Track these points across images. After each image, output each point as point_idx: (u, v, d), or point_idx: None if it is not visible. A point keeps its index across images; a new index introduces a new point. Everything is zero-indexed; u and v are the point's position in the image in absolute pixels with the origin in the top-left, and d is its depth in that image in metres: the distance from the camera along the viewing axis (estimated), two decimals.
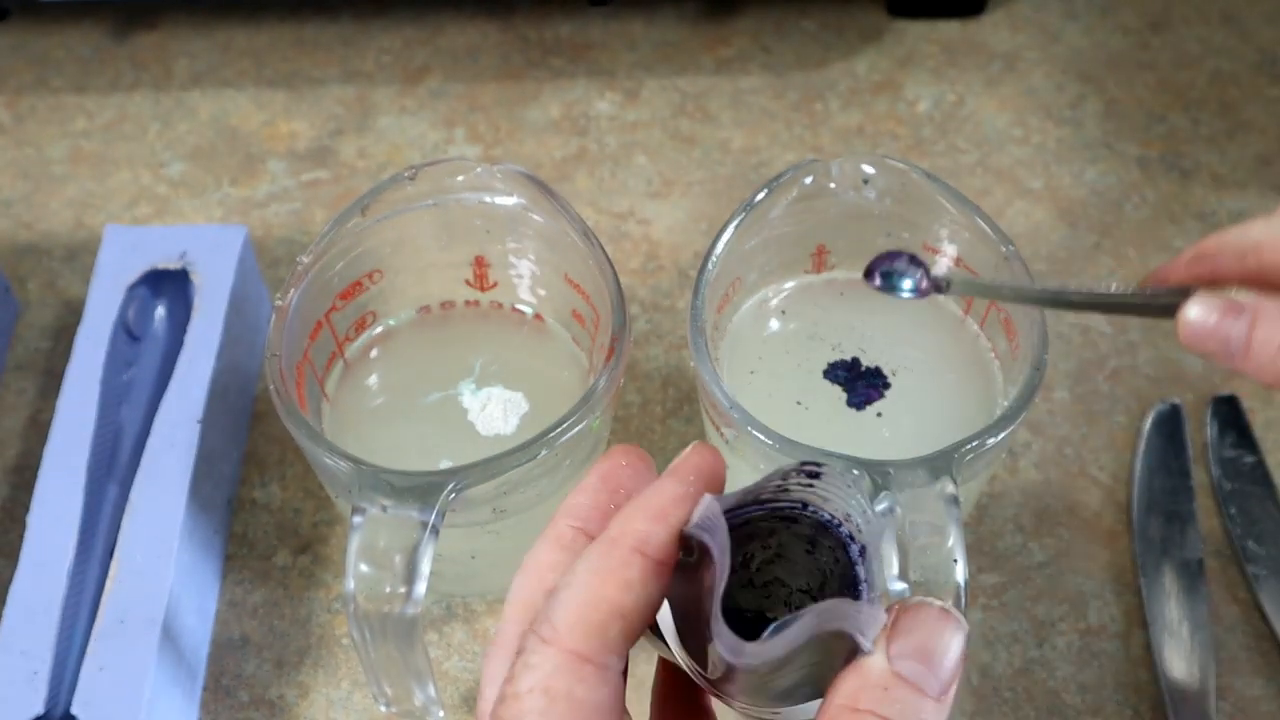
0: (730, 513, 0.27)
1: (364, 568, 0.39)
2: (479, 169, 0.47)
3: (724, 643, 0.25)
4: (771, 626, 0.25)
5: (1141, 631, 0.48)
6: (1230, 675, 0.47)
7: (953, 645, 0.26)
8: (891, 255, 0.43)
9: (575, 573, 0.26)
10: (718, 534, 0.26)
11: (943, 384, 0.48)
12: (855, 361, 0.48)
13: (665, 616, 0.29)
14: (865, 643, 0.25)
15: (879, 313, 0.49)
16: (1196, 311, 0.36)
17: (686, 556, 0.27)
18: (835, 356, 0.48)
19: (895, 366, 0.48)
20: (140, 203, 0.62)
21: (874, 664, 0.25)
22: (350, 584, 0.38)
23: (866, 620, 0.25)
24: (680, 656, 0.29)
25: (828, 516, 0.28)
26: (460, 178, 0.47)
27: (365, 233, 0.47)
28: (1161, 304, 0.37)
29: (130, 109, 0.66)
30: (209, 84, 0.67)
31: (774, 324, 0.49)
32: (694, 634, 0.28)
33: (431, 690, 0.42)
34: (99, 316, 0.51)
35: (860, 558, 0.27)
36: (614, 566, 0.26)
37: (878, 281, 0.43)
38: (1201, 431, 0.53)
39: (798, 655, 0.26)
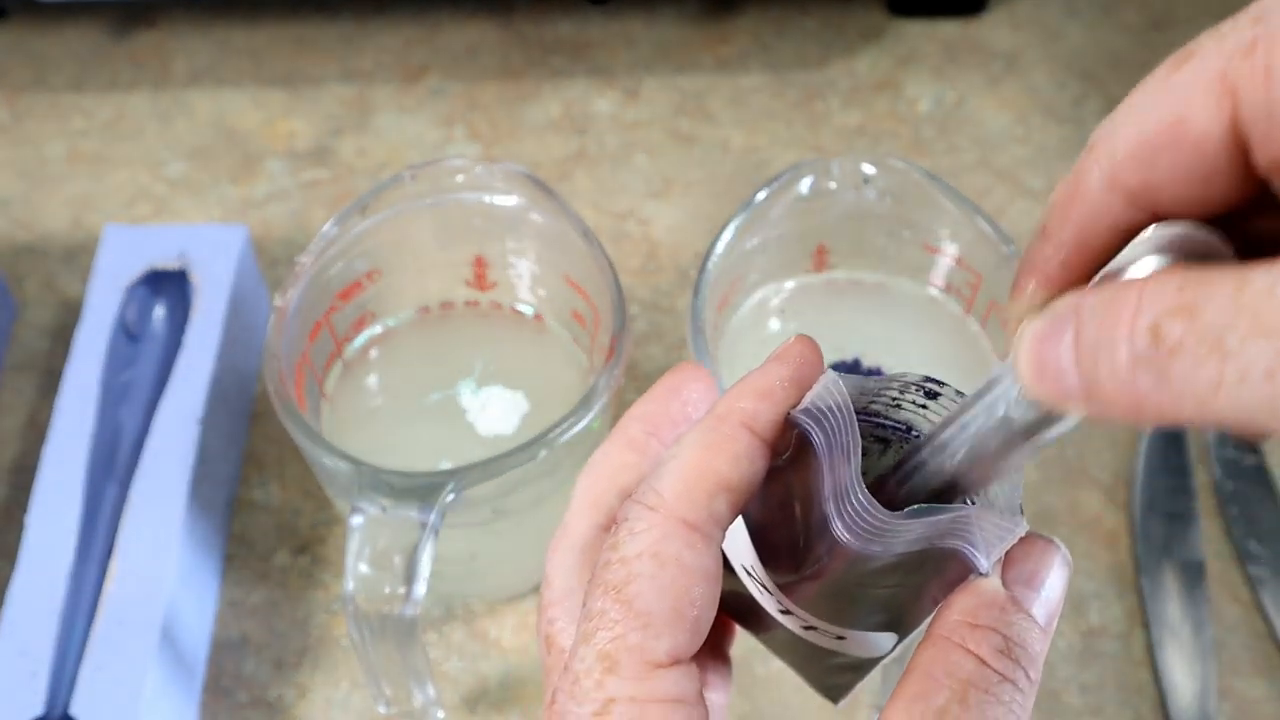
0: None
1: (363, 568, 0.38)
2: (479, 168, 0.47)
3: (857, 517, 0.24)
4: (916, 507, 0.25)
5: (1142, 632, 0.48)
6: (1231, 676, 0.47)
7: (1060, 577, 0.26)
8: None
9: (682, 445, 0.26)
10: (837, 417, 0.25)
11: None
12: (856, 362, 0.48)
13: (737, 534, 0.28)
14: (983, 562, 0.25)
15: (879, 313, 0.49)
16: (1021, 350, 0.23)
17: (779, 456, 0.27)
18: (836, 357, 0.48)
19: (896, 367, 0.48)
20: (139, 202, 0.62)
21: (990, 585, 0.26)
22: (350, 584, 0.38)
23: (992, 534, 0.25)
24: (750, 562, 0.29)
25: None
26: (460, 177, 0.47)
27: (365, 233, 0.47)
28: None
29: (129, 108, 0.66)
30: (208, 83, 0.67)
31: (774, 324, 0.49)
32: (778, 533, 0.27)
33: (431, 691, 0.42)
34: (98, 316, 0.51)
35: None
36: (721, 441, 0.26)
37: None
38: (1202, 432, 0.53)
39: (899, 566, 0.25)
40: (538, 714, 0.47)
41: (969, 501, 0.26)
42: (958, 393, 0.26)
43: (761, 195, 0.46)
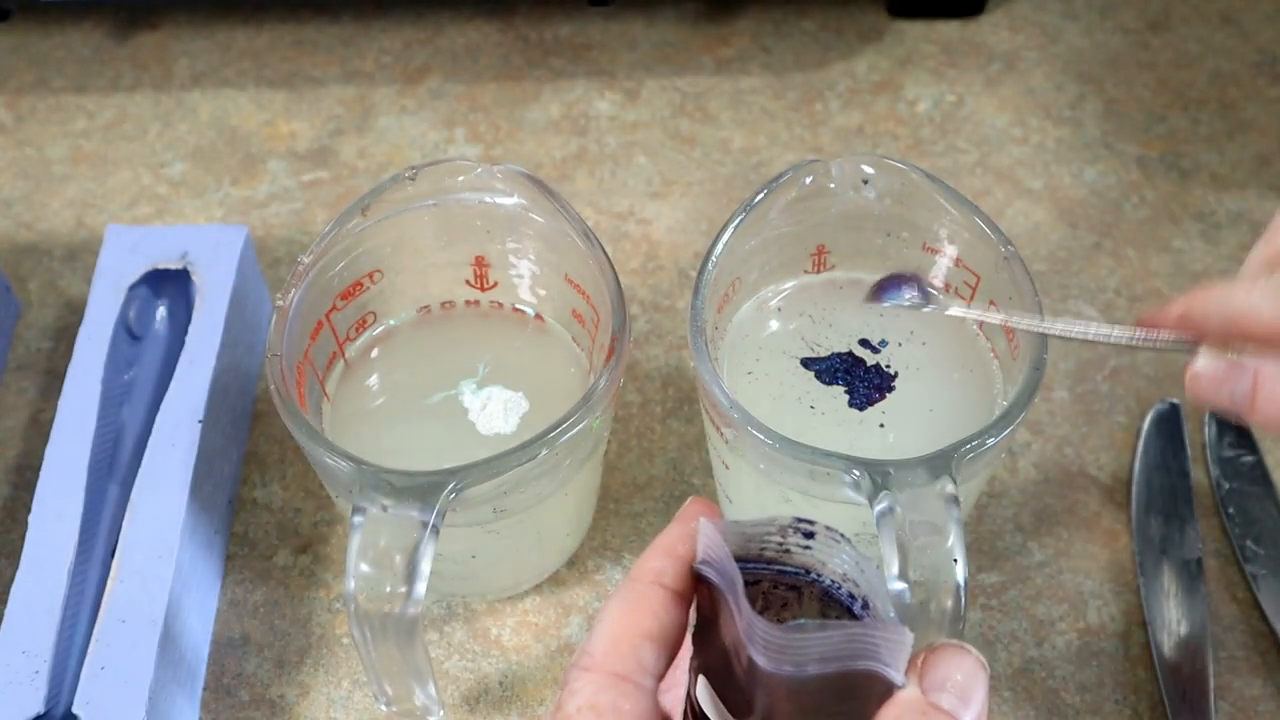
0: (739, 563, 0.30)
1: (364, 567, 0.39)
2: (479, 169, 0.47)
3: (759, 638, 0.27)
4: (802, 621, 0.27)
5: (1141, 631, 0.48)
6: (1229, 675, 0.47)
7: (980, 679, 0.30)
8: (897, 279, 0.45)
9: (606, 609, 0.30)
10: (719, 559, 0.29)
11: (943, 384, 0.48)
12: (858, 362, 0.48)
13: (704, 692, 0.31)
14: (897, 676, 0.28)
15: (879, 313, 0.49)
16: (1203, 367, 0.38)
17: (701, 609, 0.30)
18: (836, 357, 0.48)
19: (896, 367, 0.48)
20: (141, 203, 0.62)
21: (910, 695, 0.28)
22: (351, 584, 0.39)
23: (889, 648, 0.27)
24: (718, 716, 0.31)
25: (829, 581, 0.31)
26: (460, 178, 0.47)
27: (366, 233, 0.47)
28: (1168, 347, 0.39)
29: (131, 109, 0.66)
30: (209, 84, 0.67)
31: (774, 324, 0.49)
32: (731, 683, 0.30)
33: (432, 690, 0.42)
34: (100, 316, 0.51)
35: (864, 611, 0.30)
36: (638, 599, 0.30)
37: (883, 306, 0.46)
38: (1200, 431, 0.53)
39: (834, 694, 0.28)
40: (538, 713, 0.47)
41: (855, 615, 0.30)
42: (827, 529, 0.30)
43: (761, 195, 0.46)
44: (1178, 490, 0.51)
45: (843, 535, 0.30)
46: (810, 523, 0.30)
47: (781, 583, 0.31)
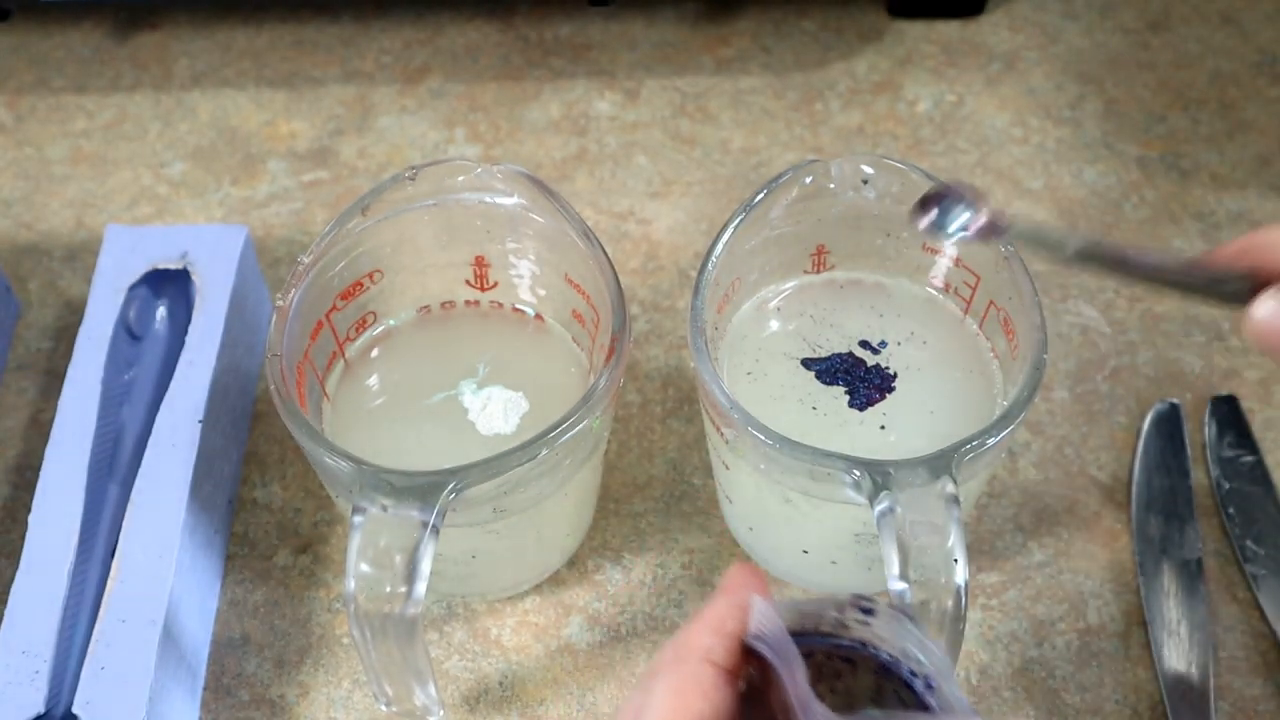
0: (793, 636, 0.29)
1: (364, 567, 0.39)
2: (479, 169, 0.47)
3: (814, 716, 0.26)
4: (869, 713, 0.27)
5: (1141, 631, 0.48)
6: (1229, 675, 0.47)
7: None
8: (944, 193, 0.39)
9: (653, 693, 0.30)
10: (775, 637, 0.28)
11: (943, 384, 0.48)
12: (858, 362, 0.48)
13: None
14: None
15: (879, 313, 0.49)
16: (1266, 309, 0.35)
17: (751, 681, 0.30)
18: (836, 357, 0.48)
19: (896, 367, 0.48)
20: (141, 203, 0.62)
21: None
22: (351, 584, 0.39)
23: None
24: None
25: (887, 655, 0.30)
26: (460, 178, 0.47)
27: (366, 233, 0.47)
28: (1228, 290, 0.36)
29: (131, 109, 0.66)
30: (209, 84, 0.67)
31: (774, 324, 0.49)
32: None
33: (432, 690, 0.42)
34: (100, 316, 0.51)
35: (927, 690, 0.29)
36: (688, 681, 0.29)
37: (927, 220, 0.39)
38: (1201, 431, 0.53)
39: None
40: (538, 713, 0.47)
41: (928, 707, 0.29)
42: (890, 605, 0.30)
43: (761, 195, 0.46)
44: (1178, 490, 0.51)
45: (905, 612, 0.30)
46: (871, 600, 0.29)
47: (836, 655, 0.31)
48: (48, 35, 0.69)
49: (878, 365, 0.48)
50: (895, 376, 0.48)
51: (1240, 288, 0.35)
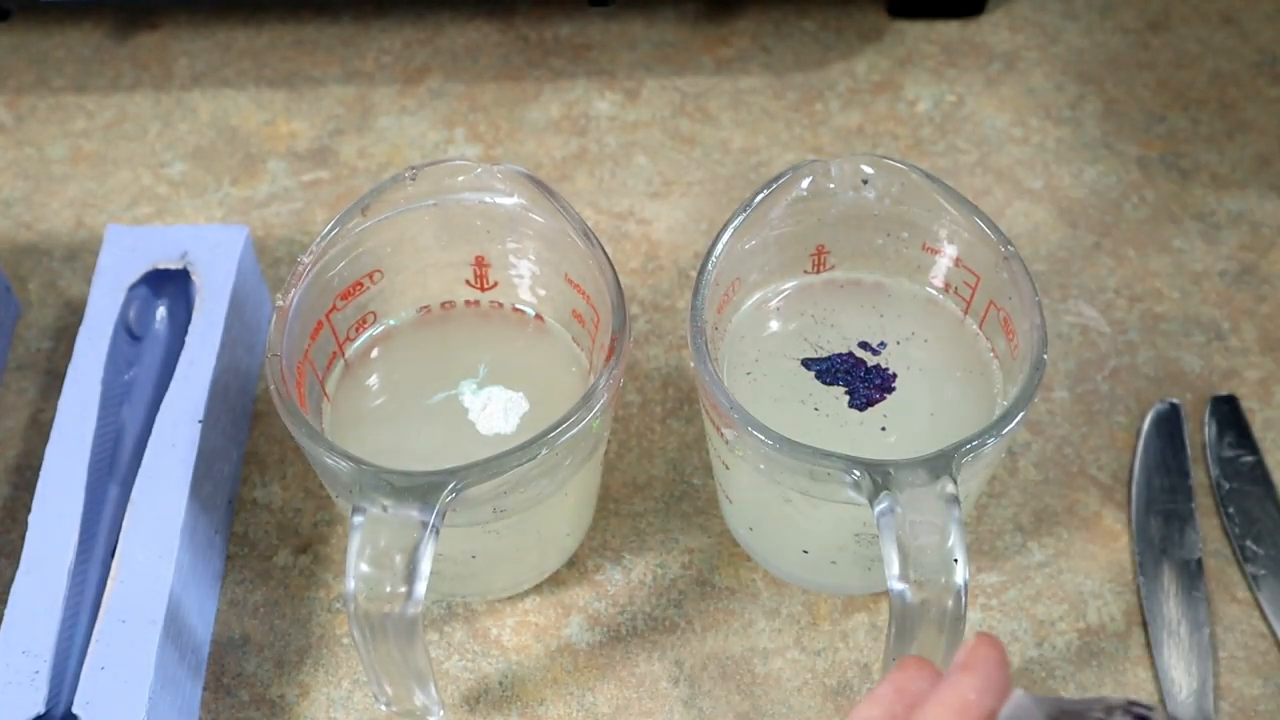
0: None
1: (364, 567, 0.39)
2: (479, 169, 0.47)
3: None
4: None
5: (1141, 631, 0.48)
6: (1229, 675, 0.47)
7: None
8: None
9: None
10: None
11: (943, 384, 0.48)
12: (859, 362, 0.48)
13: None
14: None
15: (880, 313, 0.49)
16: None
17: None
18: (836, 357, 0.48)
19: (896, 367, 0.48)
20: (141, 203, 0.62)
21: None
22: (351, 584, 0.39)
23: None
24: None
25: None
26: (460, 178, 0.47)
27: (366, 233, 0.47)
28: None
29: (131, 109, 0.66)
30: (209, 84, 0.67)
31: (774, 324, 0.49)
32: None
33: (432, 690, 0.42)
34: (100, 316, 0.51)
35: None
36: None
37: None
38: (1201, 431, 0.53)
39: None
40: (537, 713, 0.47)
41: None
42: (1167, 715, 0.27)
43: (761, 195, 0.46)
44: (1178, 490, 0.51)
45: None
46: (1150, 708, 0.27)
47: None
48: (48, 35, 0.69)
49: (878, 365, 0.48)
50: (895, 377, 0.48)
51: None
